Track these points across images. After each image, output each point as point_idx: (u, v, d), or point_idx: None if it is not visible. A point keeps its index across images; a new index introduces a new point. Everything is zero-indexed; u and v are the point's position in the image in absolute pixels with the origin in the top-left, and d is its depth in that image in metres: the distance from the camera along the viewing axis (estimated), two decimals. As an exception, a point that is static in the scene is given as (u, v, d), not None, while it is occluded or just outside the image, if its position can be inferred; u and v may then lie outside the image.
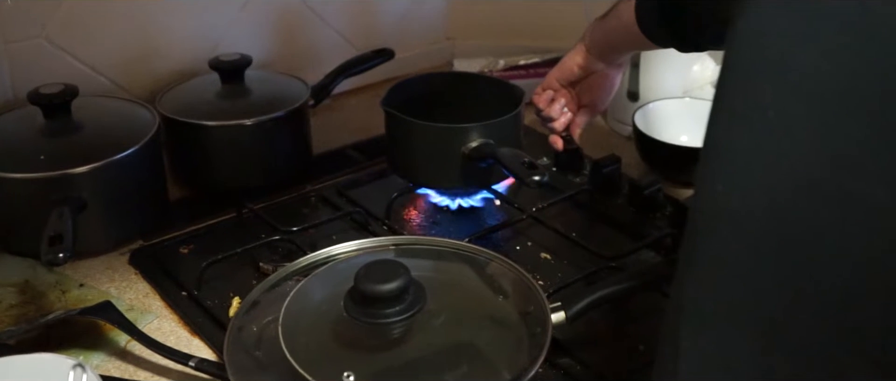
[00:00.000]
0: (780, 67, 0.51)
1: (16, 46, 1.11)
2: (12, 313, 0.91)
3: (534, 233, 1.04)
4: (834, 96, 0.49)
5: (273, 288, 0.86)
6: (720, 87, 0.55)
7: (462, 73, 1.33)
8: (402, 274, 0.77)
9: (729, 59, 0.54)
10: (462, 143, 1.03)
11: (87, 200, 0.96)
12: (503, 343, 0.80)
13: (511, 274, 0.87)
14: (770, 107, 0.51)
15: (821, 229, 0.50)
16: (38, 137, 1.01)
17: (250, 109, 1.11)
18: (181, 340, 0.88)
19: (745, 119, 0.53)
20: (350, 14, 1.40)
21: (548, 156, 1.20)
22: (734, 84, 0.54)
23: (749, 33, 0.53)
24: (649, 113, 1.20)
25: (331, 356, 0.76)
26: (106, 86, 1.19)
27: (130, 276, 0.98)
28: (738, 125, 0.53)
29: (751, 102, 0.52)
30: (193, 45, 1.23)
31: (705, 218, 0.55)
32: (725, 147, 0.54)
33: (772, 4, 0.52)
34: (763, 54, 0.52)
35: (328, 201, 1.11)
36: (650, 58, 1.23)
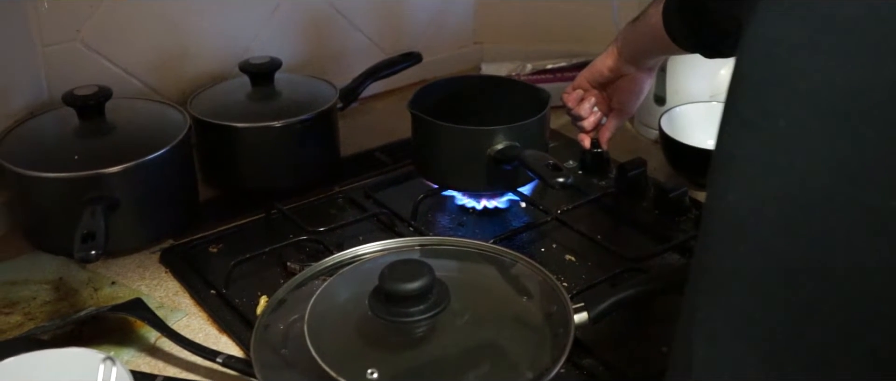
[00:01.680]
0: (790, 76, 0.50)
1: (51, 49, 1.12)
2: (46, 309, 0.92)
3: (559, 235, 1.04)
4: (845, 105, 0.48)
5: (300, 287, 0.87)
6: (731, 94, 0.54)
7: (488, 76, 1.34)
8: (426, 273, 0.77)
9: (739, 66, 0.54)
10: (488, 145, 1.03)
11: (119, 199, 0.97)
12: (526, 343, 0.80)
13: (535, 275, 0.87)
14: (781, 116, 0.50)
15: (834, 242, 0.49)
16: (72, 137, 1.03)
17: (279, 112, 1.12)
18: (209, 337, 0.89)
19: (755, 128, 0.52)
20: (379, 18, 1.41)
21: (574, 159, 1.21)
22: (745, 92, 0.53)
23: (759, 41, 0.52)
24: (676, 117, 1.20)
25: (355, 353, 0.76)
26: (139, 88, 1.20)
27: (161, 274, 0.99)
28: (749, 134, 0.52)
29: (761, 111, 0.51)
30: (224, 49, 1.25)
31: (717, 228, 0.55)
32: (736, 156, 0.53)
33: (781, 12, 0.51)
34: (773, 63, 0.51)
35: (355, 202, 1.12)
36: (677, 62, 1.23)
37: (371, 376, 0.72)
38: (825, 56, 0.49)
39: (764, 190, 0.51)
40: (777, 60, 0.51)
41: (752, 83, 0.53)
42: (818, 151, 0.49)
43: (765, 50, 0.52)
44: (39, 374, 0.74)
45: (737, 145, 0.53)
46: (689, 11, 0.91)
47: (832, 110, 0.49)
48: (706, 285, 0.56)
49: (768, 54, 0.52)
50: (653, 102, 1.27)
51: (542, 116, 1.07)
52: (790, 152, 0.50)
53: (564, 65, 1.43)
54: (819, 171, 0.49)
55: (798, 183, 0.50)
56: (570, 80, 1.38)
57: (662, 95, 1.26)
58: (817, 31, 0.50)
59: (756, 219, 0.52)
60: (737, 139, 0.53)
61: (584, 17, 1.47)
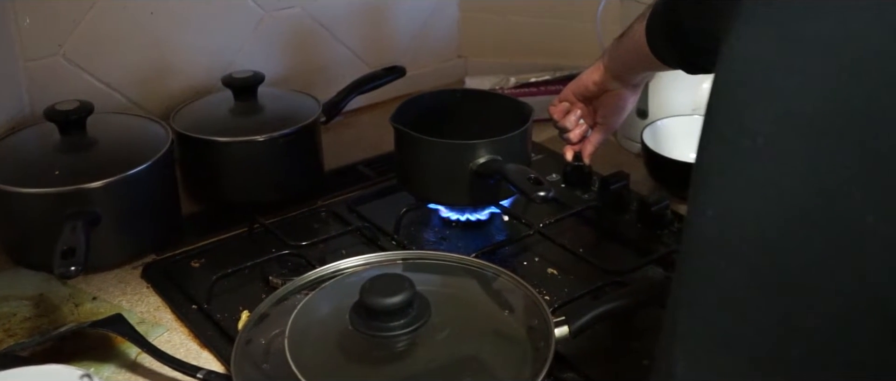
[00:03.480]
0: (767, 95, 0.51)
1: (34, 64, 1.12)
2: (26, 325, 0.92)
3: (541, 248, 1.05)
4: (821, 124, 0.48)
5: (281, 301, 0.87)
6: (710, 111, 0.55)
7: (471, 90, 1.33)
8: (406, 288, 0.77)
9: (717, 84, 0.54)
10: (470, 159, 1.03)
11: (100, 214, 0.97)
12: (507, 357, 0.80)
13: (517, 289, 0.87)
14: (759, 134, 0.51)
15: (813, 259, 0.49)
16: (53, 152, 1.03)
17: (262, 126, 1.12)
18: (191, 352, 0.89)
19: (734, 146, 0.52)
20: (362, 32, 1.41)
21: (556, 172, 1.21)
22: (723, 110, 0.54)
23: (736, 60, 0.53)
24: (658, 130, 1.20)
25: (336, 368, 0.76)
26: (121, 102, 1.20)
27: (142, 289, 0.99)
28: (728, 152, 0.52)
29: (740, 129, 0.52)
30: (207, 63, 1.25)
31: (697, 243, 0.55)
32: (716, 173, 0.53)
33: (756, 31, 0.52)
34: (750, 81, 0.52)
35: (338, 216, 1.12)
36: (659, 76, 1.23)
37: (351, 391, 0.72)
38: (800, 75, 0.49)
39: (743, 206, 0.52)
40: (754, 79, 0.51)
41: (731, 101, 0.53)
42: (795, 169, 0.49)
43: (742, 69, 0.52)
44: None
45: (716, 162, 0.54)
46: (669, 28, 0.91)
47: (808, 128, 0.49)
48: (688, 300, 0.56)
49: (745, 73, 0.52)
50: (635, 115, 1.27)
51: (524, 130, 1.07)
52: (768, 170, 0.50)
53: (548, 78, 1.44)
54: (796, 188, 0.49)
55: (776, 200, 0.50)
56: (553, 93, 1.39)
57: (645, 108, 1.26)
58: (791, 51, 0.50)
59: (736, 235, 0.52)
60: (716, 156, 0.54)
61: (566, 31, 1.48)
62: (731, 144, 0.52)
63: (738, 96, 0.52)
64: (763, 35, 0.51)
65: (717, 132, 0.54)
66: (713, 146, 0.54)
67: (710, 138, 0.54)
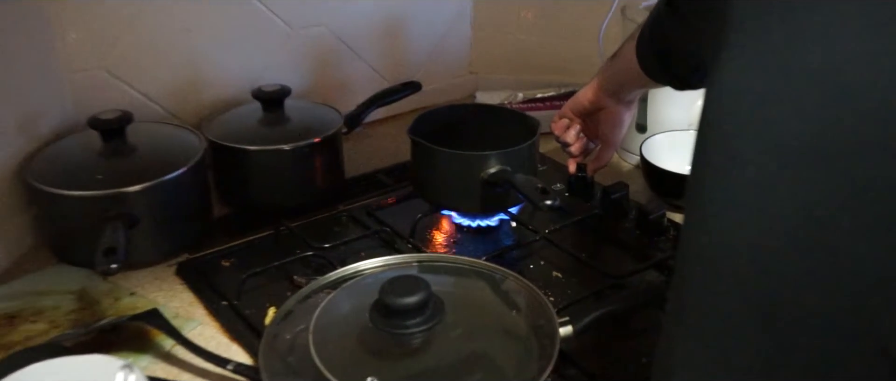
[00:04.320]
0: (756, 126, 0.49)
1: (78, 76, 1.13)
2: (70, 318, 0.92)
3: (546, 253, 1.05)
4: (810, 153, 0.47)
5: (305, 299, 0.87)
6: (701, 140, 0.53)
7: (483, 104, 1.34)
8: (422, 288, 0.77)
9: (708, 113, 0.53)
10: (481, 169, 1.03)
11: (138, 216, 0.97)
12: (515, 354, 0.80)
13: (524, 290, 0.87)
14: (750, 164, 0.49)
15: (806, 285, 0.48)
16: (96, 158, 1.03)
17: (288, 136, 1.12)
18: (221, 345, 0.89)
19: (726, 174, 0.51)
20: (381, 49, 1.41)
21: (561, 182, 1.21)
22: (714, 140, 0.52)
23: (725, 92, 0.51)
24: (656, 144, 1.20)
25: (356, 362, 0.76)
26: (158, 112, 1.20)
27: (176, 286, 0.99)
28: (721, 181, 0.51)
29: (731, 159, 0.50)
30: (238, 77, 1.25)
31: (694, 267, 0.54)
32: (708, 200, 0.52)
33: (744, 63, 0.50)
34: (741, 113, 0.50)
35: (358, 220, 1.12)
36: (657, 93, 1.24)
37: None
38: (788, 106, 0.48)
39: (737, 233, 0.50)
40: (742, 110, 0.50)
41: (722, 132, 0.51)
42: (786, 198, 0.48)
43: (731, 100, 0.51)
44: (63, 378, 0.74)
45: (709, 191, 0.52)
46: (658, 50, 0.91)
47: (798, 158, 0.48)
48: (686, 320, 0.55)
49: (734, 104, 0.51)
50: (635, 129, 1.27)
51: (531, 143, 1.07)
52: (760, 198, 0.49)
53: (553, 94, 1.44)
54: (787, 216, 0.48)
55: (768, 227, 0.49)
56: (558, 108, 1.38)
57: (643, 123, 1.26)
58: (779, 82, 0.49)
59: (730, 260, 0.51)
60: (708, 184, 0.52)
61: (571, 50, 1.48)
62: (722, 172, 0.51)
63: (728, 127, 0.51)
64: (750, 66, 0.50)
65: (709, 163, 0.52)
66: (705, 175, 0.53)
67: (702, 167, 0.53)
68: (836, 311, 0.47)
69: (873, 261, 0.46)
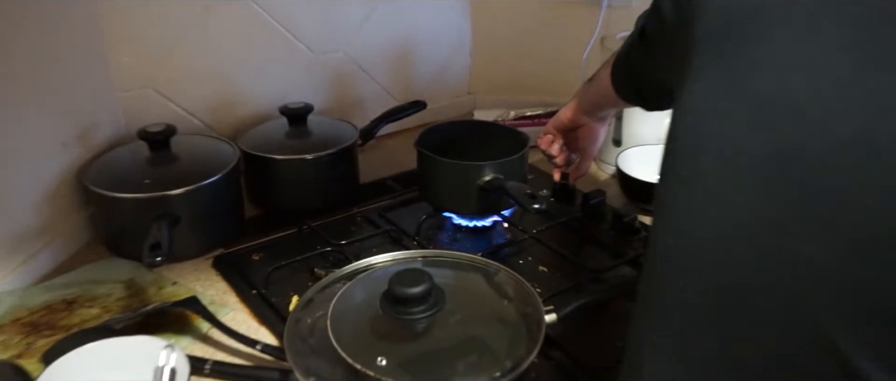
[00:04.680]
0: (717, 142, 0.49)
1: (129, 94, 1.13)
2: (119, 304, 0.92)
3: (534, 250, 1.05)
4: (763, 165, 0.47)
5: (324, 289, 0.86)
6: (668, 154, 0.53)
7: (479, 121, 1.34)
8: (426, 280, 0.77)
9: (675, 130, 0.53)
10: (478, 177, 1.04)
11: (180, 216, 0.98)
12: (506, 338, 0.79)
13: (514, 282, 0.87)
14: (711, 175, 0.49)
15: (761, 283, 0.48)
16: (144, 165, 1.03)
17: (311, 147, 1.12)
18: (251, 328, 0.89)
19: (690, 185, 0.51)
20: (392, 72, 1.41)
21: (547, 188, 1.21)
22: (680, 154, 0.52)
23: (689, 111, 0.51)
24: (630, 156, 1.20)
25: (368, 344, 0.76)
26: (198, 126, 1.21)
27: (213, 277, 0.99)
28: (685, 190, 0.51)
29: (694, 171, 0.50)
30: (267, 95, 1.25)
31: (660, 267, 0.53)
32: (674, 207, 0.52)
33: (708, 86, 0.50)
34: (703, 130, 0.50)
35: (371, 220, 1.12)
36: (631, 113, 1.24)
37: (380, 362, 0.72)
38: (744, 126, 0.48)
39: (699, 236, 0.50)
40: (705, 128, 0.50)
41: (686, 147, 0.51)
42: (742, 205, 0.48)
43: (694, 119, 0.51)
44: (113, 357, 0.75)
45: (674, 199, 0.52)
46: (630, 77, 0.90)
47: (753, 169, 0.48)
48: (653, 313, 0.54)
49: (698, 123, 0.51)
50: (611, 144, 1.27)
51: (522, 154, 1.07)
52: (719, 206, 0.49)
53: (541, 112, 1.44)
54: (743, 221, 0.48)
55: (727, 231, 0.49)
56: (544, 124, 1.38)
57: (619, 138, 1.26)
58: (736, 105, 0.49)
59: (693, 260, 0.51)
60: (674, 194, 0.52)
61: (557, 74, 1.48)
62: (686, 183, 0.51)
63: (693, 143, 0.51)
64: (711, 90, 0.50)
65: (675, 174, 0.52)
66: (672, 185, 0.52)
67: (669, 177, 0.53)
68: (786, 309, 0.47)
69: (819, 262, 0.45)
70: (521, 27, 1.48)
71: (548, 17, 1.45)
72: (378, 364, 0.72)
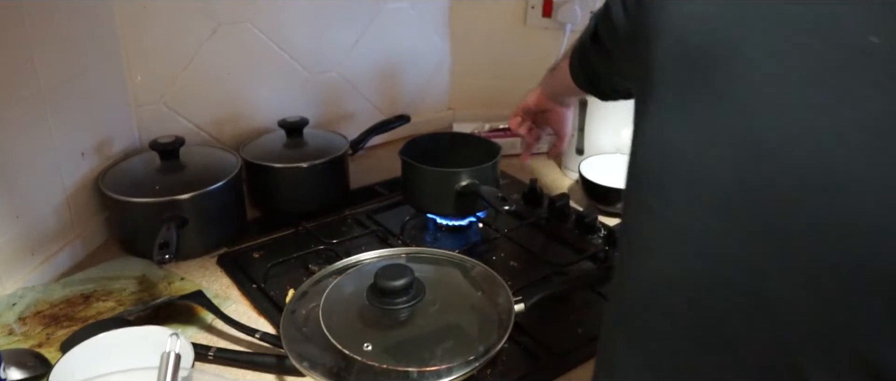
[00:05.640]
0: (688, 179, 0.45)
1: (143, 109, 1.12)
2: (132, 297, 0.91)
3: (505, 247, 1.04)
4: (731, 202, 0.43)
5: (317, 283, 0.86)
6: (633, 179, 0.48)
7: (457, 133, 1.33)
8: (408, 274, 0.77)
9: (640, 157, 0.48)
10: (455, 182, 1.03)
11: (188, 218, 0.97)
12: (480, 325, 0.80)
13: (487, 276, 0.87)
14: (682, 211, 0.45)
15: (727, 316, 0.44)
16: (155, 173, 1.02)
17: (306, 156, 1.12)
18: (251, 319, 0.88)
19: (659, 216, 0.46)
20: (380, 89, 1.41)
21: (518, 193, 1.21)
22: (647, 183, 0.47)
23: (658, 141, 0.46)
24: (591, 164, 1.21)
25: (356, 331, 0.76)
26: (204, 138, 1.20)
27: (217, 273, 0.98)
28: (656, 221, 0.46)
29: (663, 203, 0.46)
30: (267, 110, 1.25)
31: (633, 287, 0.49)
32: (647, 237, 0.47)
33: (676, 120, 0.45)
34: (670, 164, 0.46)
35: (360, 222, 1.12)
36: (591, 124, 1.24)
37: (366, 348, 0.72)
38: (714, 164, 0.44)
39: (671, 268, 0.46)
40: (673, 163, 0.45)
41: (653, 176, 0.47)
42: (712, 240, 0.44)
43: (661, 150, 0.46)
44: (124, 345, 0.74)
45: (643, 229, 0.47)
46: (586, 71, 0.85)
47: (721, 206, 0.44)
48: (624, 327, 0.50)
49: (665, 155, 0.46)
50: (575, 153, 1.27)
51: (494, 162, 1.07)
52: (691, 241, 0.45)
53: (512, 125, 1.44)
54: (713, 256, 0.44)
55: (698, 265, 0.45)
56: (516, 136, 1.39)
57: (581, 147, 1.26)
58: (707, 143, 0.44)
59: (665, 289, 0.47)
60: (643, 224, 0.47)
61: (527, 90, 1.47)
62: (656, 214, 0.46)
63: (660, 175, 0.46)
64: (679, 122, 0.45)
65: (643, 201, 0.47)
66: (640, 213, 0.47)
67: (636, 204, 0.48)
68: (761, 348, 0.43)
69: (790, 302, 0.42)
70: (495, 49, 1.48)
71: (518, 40, 1.46)
72: (364, 350, 0.72)
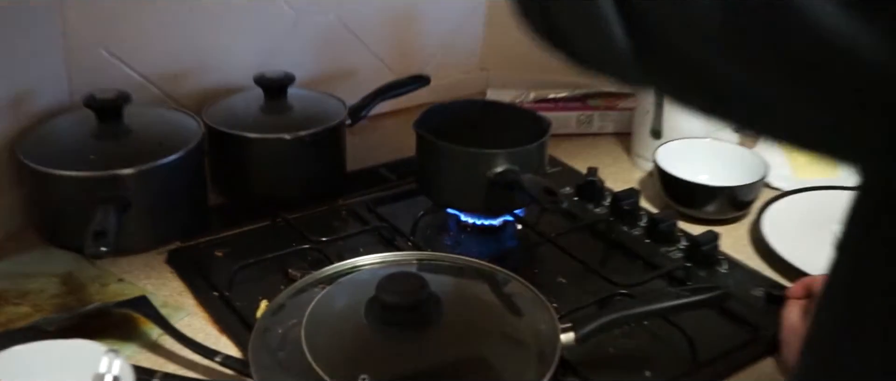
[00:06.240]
0: None
1: (77, 54, 1.13)
2: (54, 302, 0.92)
3: (552, 257, 1.04)
4: None
5: (299, 293, 0.87)
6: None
7: (493, 101, 1.34)
8: (420, 286, 0.78)
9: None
10: (488, 168, 1.03)
11: (131, 200, 0.97)
12: (512, 359, 0.80)
13: (526, 294, 0.87)
14: None
15: None
16: (89, 139, 1.03)
17: (290, 125, 1.12)
18: (210, 337, 0.89)
19: None
20: (390, 40, 1.41)
21: (571, 185, 1.21)
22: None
23: None
24: (671, 151, 1.20)
25: (349, 359, 0.77)
26: (157, 95, 1.20)
27: (166, 274, 0.99)
28: None
29: None
30: (241, 62, 1.25)
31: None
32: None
33: None
34: None
35: (358, 215, 1.12)
36: (674, 98, 1.24)
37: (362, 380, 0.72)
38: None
39: None
40: None
41: None
42: None
43: None
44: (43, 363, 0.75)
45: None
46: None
47: None
48: None
49: None
50: (650, 136, 1.27)
51: (541, 143, 1.07)
52: None
53: (566, 95, 1.44)
54: None
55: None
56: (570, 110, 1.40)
57: (659, 129, 1.26)
58: None
59: None
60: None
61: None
62: None
63: None
64: None
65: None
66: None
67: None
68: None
69: None
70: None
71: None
72: (359, 384, 0.72)
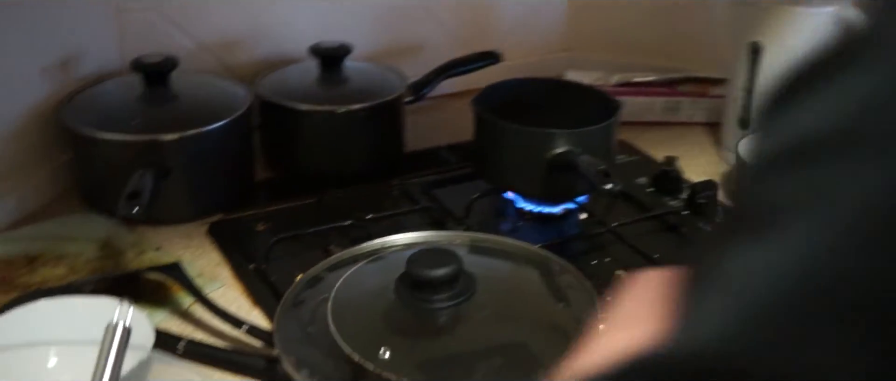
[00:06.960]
0: None
1: (128, 16, 1.20)
2: (89, 266, 0.99)
3: (613, 248, 1.06)
4: None
5: (335, 268, 0.91)
6: None
7: (562, 80, 1.34)
8: (452, 262, 0.81)
9: None
10: (547, 149, 1.06)
11: (171, 166, 1.04)
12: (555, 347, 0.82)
13: (578, 284, 0.89)
14: None
15: None
16: (135, 103, 1.10)
17: (344, 98, 1.18)
18: (242, 308, 0.94)
19: None
20: (462, 13, 1.44)
21: (646, 175, 1.22)
22: None
23: None
24: (758, 141, 1.20)
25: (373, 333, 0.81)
26: (208, 63, 1.26)
27: (206, 245, 1.05)
28: None
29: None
30: (298, 31, 1.29)
31: None
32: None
33: None
34: None
35: (410, 195, 1.16)
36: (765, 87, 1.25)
37: (383, 355, 0.77)
38: None
39: None
40: None
41: None
42: None
43: None
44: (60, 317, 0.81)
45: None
46: None
47: None
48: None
49: None
50: (737, 125, 1.28)
51: (607, 125, 1.09)
52: None
53: (653, 79, 1.44)
54: None
55: None
56: (656, 95, 1.41)
57: (747, 118, 1.27)
58: None
59: None
60: None
61: (680, 30, 1.48)
62: None
63: None
64: None
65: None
66: None
67: None
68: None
69: None
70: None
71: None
72: (380, 357, 0.77)
